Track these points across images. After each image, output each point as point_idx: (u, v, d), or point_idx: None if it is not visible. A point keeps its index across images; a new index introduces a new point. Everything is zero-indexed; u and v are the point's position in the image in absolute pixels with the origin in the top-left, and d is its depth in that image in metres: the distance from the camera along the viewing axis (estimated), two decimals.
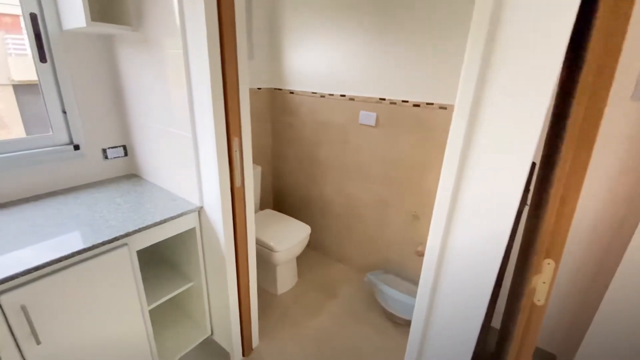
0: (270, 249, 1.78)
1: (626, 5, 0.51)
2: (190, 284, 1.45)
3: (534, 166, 0.71)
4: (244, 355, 1.54)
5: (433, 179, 1.71)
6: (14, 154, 1.25)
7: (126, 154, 1.56)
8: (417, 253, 1.82)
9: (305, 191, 2.34)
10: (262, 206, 2.47)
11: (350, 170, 2.04)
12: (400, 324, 1.77)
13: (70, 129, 1.37)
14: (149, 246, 1.36)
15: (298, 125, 2.20)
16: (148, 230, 1.14)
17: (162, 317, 1.62)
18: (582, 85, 0.56)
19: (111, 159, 1.51)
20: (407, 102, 1.69)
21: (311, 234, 2.07)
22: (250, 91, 1.93)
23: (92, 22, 1.10)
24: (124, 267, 1.10)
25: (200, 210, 1.31)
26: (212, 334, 1.56)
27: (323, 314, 1.85)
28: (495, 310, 1.02)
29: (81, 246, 0.97)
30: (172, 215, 1.21)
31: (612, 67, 0.53)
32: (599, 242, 1.30)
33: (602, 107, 0.55)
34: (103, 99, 1.44)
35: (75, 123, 1.37)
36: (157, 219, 1.17)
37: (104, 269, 1.05)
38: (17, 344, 0.90)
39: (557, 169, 0.61)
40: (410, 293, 1.76)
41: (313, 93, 2.05)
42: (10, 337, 0.88)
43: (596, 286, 1.32)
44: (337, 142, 2.04)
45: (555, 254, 0.64)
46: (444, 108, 1.58)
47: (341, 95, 1.92)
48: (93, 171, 1.47)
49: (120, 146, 1.53)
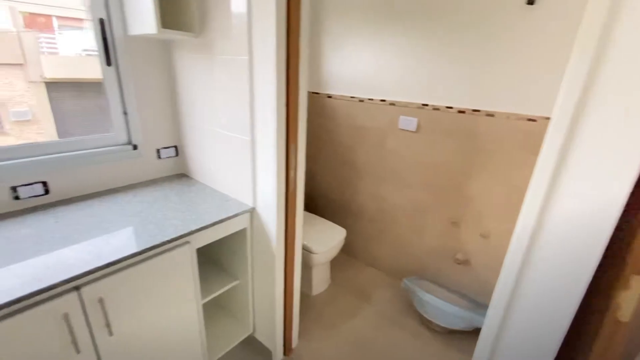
0: (308, 250, 1.81)
1: None
2: (236, 282, 1.48)
3: None
4: (285, 354, 1.57)
5: (475, 187, 1.69)
6: (80, 152, 1.31)
7: (177, 154, 1.62)
8: (456, 261, 1.81)
9: (338, 194, 2.36)
10: None
11: (386, 175, 2.04)
12: (438, 331, 1.76)
13: (130, 129, 1.43)
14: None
15: (333, 128, 2.22)
16: (207, 230, 1.19)
17: (206, 314, 1.66)
18: None
19: (164, 158, 1.57)
20: (451, 108, 1.68)
21: None
22: None
23: (162, 30, 1.15)
24: (185, 263, 1.15)
25: (252, 212, 1.34)
26: (253, 331, 1.60)
27: (358, 318, 1.86)
28: None
29: (151, 243, 1.02)
30: (228, 215, 1.25)
31: None
32: None
33: None
34: (159, 101, 1.50)
35: (135, 124, 1.43)
36: (215, 219, 1.20)
37: (168, 265, 1.09)
38: (92, 335, 0.95)
39: None
40: (448, 300, 1.75)
41: (351, 97, 2.06)
42: (86, 327, 0.93)
43: None
44: (374, 146, 2.05)
45: None
46: (491, 115, 1.56)
47: (381, 100, 1.92)
48: (148, 170, 1.53)
49: (172, 147, 1.59)
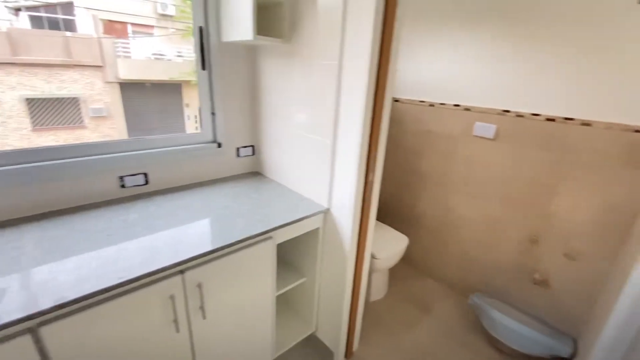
0: (372, 255, 1.79)
1: None
2: (303, 280, 1.52)
3: None
4: (346, 357, 1.57)
5: (561, 202, 1.55)
6: (174, 148, 1.44)
7: (253, 153, 1.71)
8: (534, 281, 1.67)
9: (400, 201, 2.31)
10: None
11: (455, 184, 1.96)
12: (508, 354, 1.64)
13: (216, 129, 1.54)
14: None
15: (399, 133, 2.18)
16: (288, 227, 1.23)
17: None
18: None
19: (242, 157, 1.67)
20: (537, 115, 1.56)
21: None
22: None
23: (257, 36, 1.23)
24: (267, 257, 1.21)
25: (326, 212, 1.37)
26: (315, 330, 1.63)
27: (418, 329, 1.80)
28: None
29: (243, 236, 1.09)
30: (306, 214, 1.28)
31: None
32: None
33: None
34: (241, 103, 1.60)
35: (220, 124, 1.54)
36: (294, 217, 1.25)
37: (253, 257, 1.16)
38: (188, 317, 1.04)
39: None
40: (523, 322, 1.62)
41: (421, 102, 2.01)
42: (185, 310, 1.02)
43: None
44: (442, 153, 1.98)
45: None
46: (587, 124, 1.42)
47: (455, 105, 1.85)
48: (228, 167, 1.64)
49: (249, 146, 1.68)
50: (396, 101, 2.14)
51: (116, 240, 1.03)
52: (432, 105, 1.96)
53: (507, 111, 1.65)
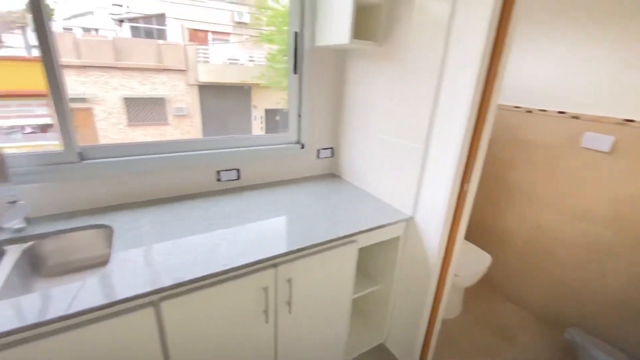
0: None
1: None
2: (376, 287, 1.48)
3: None
4: None
5: None
6: (263, 147, 1.52)
7: (332, 155, 1.73)
8: None
9: (483, 214, 2.13)
10: None
11: (552, 200, 1.74)
12: None
13: (301, 130, 1.59)
14: None
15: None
16: (371, 232, 1.21)
17: None
18: None
19: (322, 158, 1.70)
20: None
21: None
22: None
23: (353, 40, 1.23)
24: (349, 260, 1.20)
25: (409, 221, 1.31)
26: (385, 340, 1.57)
27: (500, 359, 1.63)
28: None
29: (329, 237, 1.09)
30: (389, 221, 1.25)
31: None
32: None
33: None
34: (324, 106, 1.62)
35: (305, 125, 1.58)
36: (377, 223, 1.22)
37: (337, 258, 1.16)
38: (276, 310, 1.07)
39: None
40: None
41: (515, 107, 1.83)
42: (274, 302, 1.06)
43: None
44: (538, 165, 1.77)
45: None
46: None
47: (559, 112, 1.64)
48: (308, 167, 1.68)
49: (329, 148, 1.70)
50: None
51: (216, 230, 1.11)
52: (529, 111, 1.77)
53: (631, 121, 1.41)
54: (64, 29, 8.28)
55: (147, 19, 9.30)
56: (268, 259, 0.97)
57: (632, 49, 1.38)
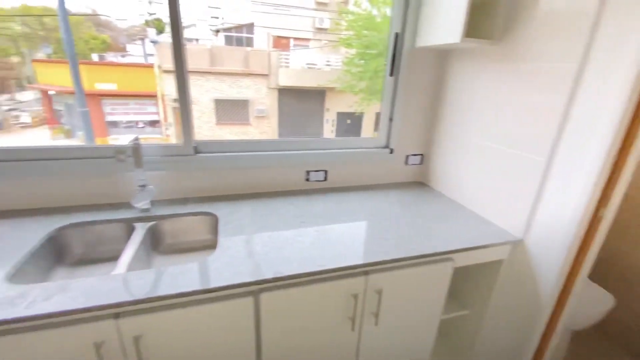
0: None
1: None
2: (465, 312, 1.34)
3: None
4: None
5: None
6: (350, 150, 1.50)
7: (421, 162, 1.63)
8: None
9: (606, 244, 1.77)
10: None
11: None
12: None
13: (391, 134, 1.53)
14: None
15: None
16: (469, 252, 1.09)
17: None
18: None
19: (410, 165, 1.61)
20: None
21: None
22: None
23: (465, 38, 1.13)
24: (443, 279, 1.10)
25: (517, 243, 1.15)
26: None
27: None
28: None
29: (424, 250, 1.01)
30: (492, 242, 1.11)
31: None
32: None
33: None
34: (418, 109, 1.53)
35: (396, 130, 1.52)
36: (477, 243, 1.09)
37: (430, 275, 1.07)
38: (362, 320, 1.04)
39: None
40: None
41: None
42: (361, 311, 1.02)
43: None
44: None
45: None
46: None
47: None
48: (395, 173, 1.61)
49: (419, 154, 1.61)
50: None
51: (308, 227, 1.13)
52: None
53: None
54: None
55: (238, 28, 10.29)
56: (360, 265, 0.94)
57: None
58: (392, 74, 1.45)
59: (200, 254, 1.18)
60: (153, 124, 8.82)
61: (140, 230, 1.10)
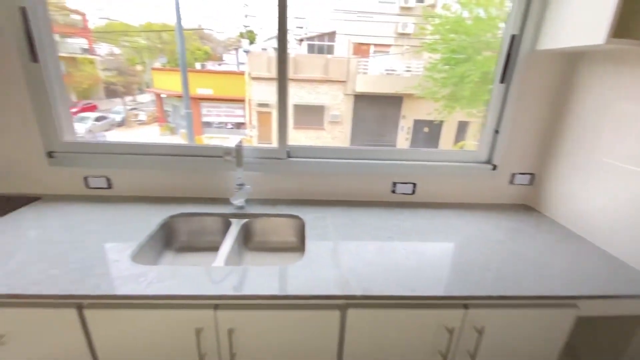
0: None
1: None
2: None
3: None
4: None
5: None
6: (442, 164, 1.37)
7: (531, 182, 1.40)
8: None
9: None
10: None
11: None
12: None
13: (494, 148, 1.36)
14: None
15: None
16: (600, 300, 0.88)
17: None
18: None
19: (515, 184, 1.41)
20: None
21: None
22: None
23: (611, 39, 0.92)
24: (561, 326, 0.91)
25: None
26: None
27: None
28: None
29: (540, 291, 0.85)
30: (633, 292, 0.88)
31: None
32: None
33: None
34: (532, 122, 1.32)
35: (502, 143, 1.34)
36: (614, 290, 0.87)
37: (545, 320, 0.90)
38: (456, 352, 0.92)
39: None
40: None
41: None
42: (454, 347, 0.90)
43: None
44: None
45: None
46: None
47: None
48: (496, 193, 1.42)
49: (528, 174, 1.39)
50: None
51: (396, 243, 1.06)
52: None
53: None
54: (262, 49, 10.55)
55: (320, 37, 10.67)
56: (460, 297, 0.83)
57: None
58: (503, 80, 1.28)
59: (286, 255, 1.21)
60: (239, 125, 9.73)
61: (236, 226, 1.18)
